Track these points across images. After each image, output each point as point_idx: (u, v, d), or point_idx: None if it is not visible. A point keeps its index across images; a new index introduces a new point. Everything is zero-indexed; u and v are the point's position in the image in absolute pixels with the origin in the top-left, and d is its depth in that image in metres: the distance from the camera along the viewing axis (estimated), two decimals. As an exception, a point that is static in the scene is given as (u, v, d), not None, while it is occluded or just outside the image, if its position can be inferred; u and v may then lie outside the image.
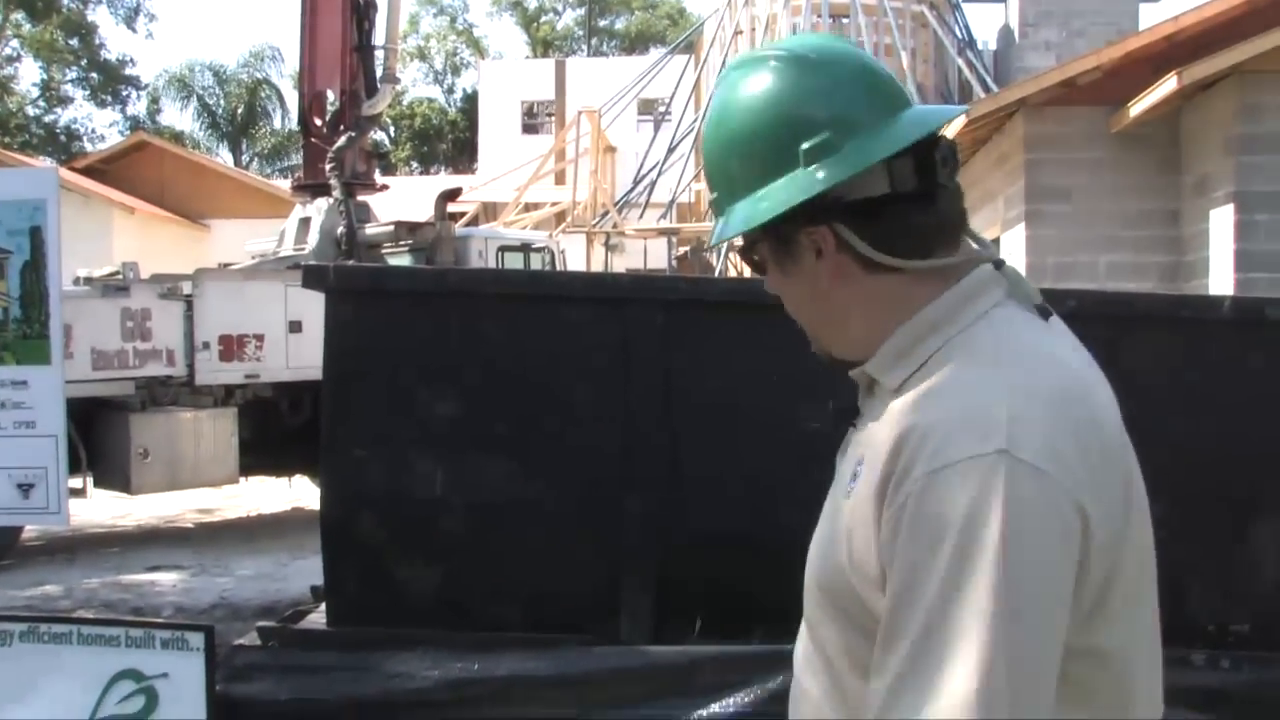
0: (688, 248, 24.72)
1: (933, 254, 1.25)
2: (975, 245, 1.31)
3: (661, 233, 24.07)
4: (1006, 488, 1.06)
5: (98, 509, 10.18)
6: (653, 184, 25.71)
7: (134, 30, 44.33)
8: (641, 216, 25.69)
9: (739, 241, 1.35)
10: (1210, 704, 3.15)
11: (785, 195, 1.23)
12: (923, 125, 1.23)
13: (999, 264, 1.28)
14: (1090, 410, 1.17)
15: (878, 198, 1.23)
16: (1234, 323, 3.79)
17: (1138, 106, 9.96)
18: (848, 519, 1.19)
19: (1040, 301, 1.27)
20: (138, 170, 27.01)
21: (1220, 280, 9.72)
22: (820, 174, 1.21)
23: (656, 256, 24.82)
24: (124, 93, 45.36)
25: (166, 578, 8.42)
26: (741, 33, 25.37)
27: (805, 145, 1.22)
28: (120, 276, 9.35)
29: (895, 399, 1.21)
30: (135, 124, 42.85)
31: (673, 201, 25.48)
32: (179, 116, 46.74)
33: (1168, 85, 9.42)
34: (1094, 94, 10.57)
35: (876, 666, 1.11)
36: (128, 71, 45.11)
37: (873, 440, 1.20)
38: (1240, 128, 9.58)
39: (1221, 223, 9.75)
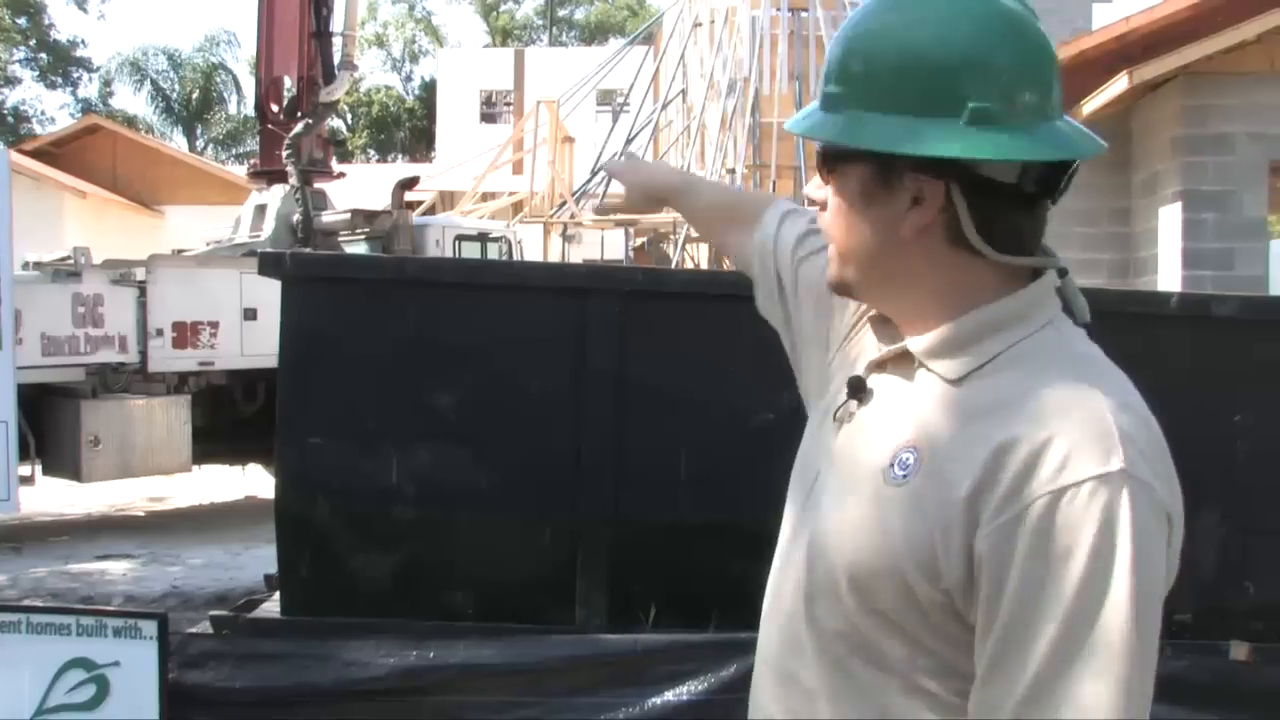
0: (645, 239, 24.74)
1: (1016, 256, 1.23)
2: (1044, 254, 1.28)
3: (619, 223, 24.07)
4: (1131, 506, 1.08)
5: (46, 497, 10.06)
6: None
7: (85, 11, 43.64)
8: (599, 205, 25.64)
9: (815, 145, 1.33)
10: (1156, 693, 3.21)
11: (938, 141, 1.16)
12: (1085, 142, 1.22)
13: (1063, 272, 1.27)
14: (1155, 421, 1.18)
15: (1001, 184, 1.20)
16: (1181, 318, 3.87)
17: (1090, 105, 10.09)
18: (905, 509, 1.16)
19: (1087, 320, 1.26)
20: (89, 154, 26.64)
21: (1169, 277, 9.88)
22: (979, 140, 1.16)
23: (614, 247, 24.81)
24: (75, 75, 44.68)
25: (116, 566, 8.34)
26: (700, 25, 25.38)
27: (975, 105, 1.17)
28: (71, 262, 9.24)
29: (957, 391, 1.19)
30: (87, 107, 42.25)
31: (631, 193, 25.44)
32: (132, 100, 46.16)
33: (1118, 85, 9.55)
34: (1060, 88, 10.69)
35: (991, 677, 1.10)
36: (79, 53, 44.44)
37: (934, 432, 1.18)
38: (1186, 128, 9.73)
39: (1170, 221, 9.91)
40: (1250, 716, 3.46)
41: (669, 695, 3.44)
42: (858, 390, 1.29)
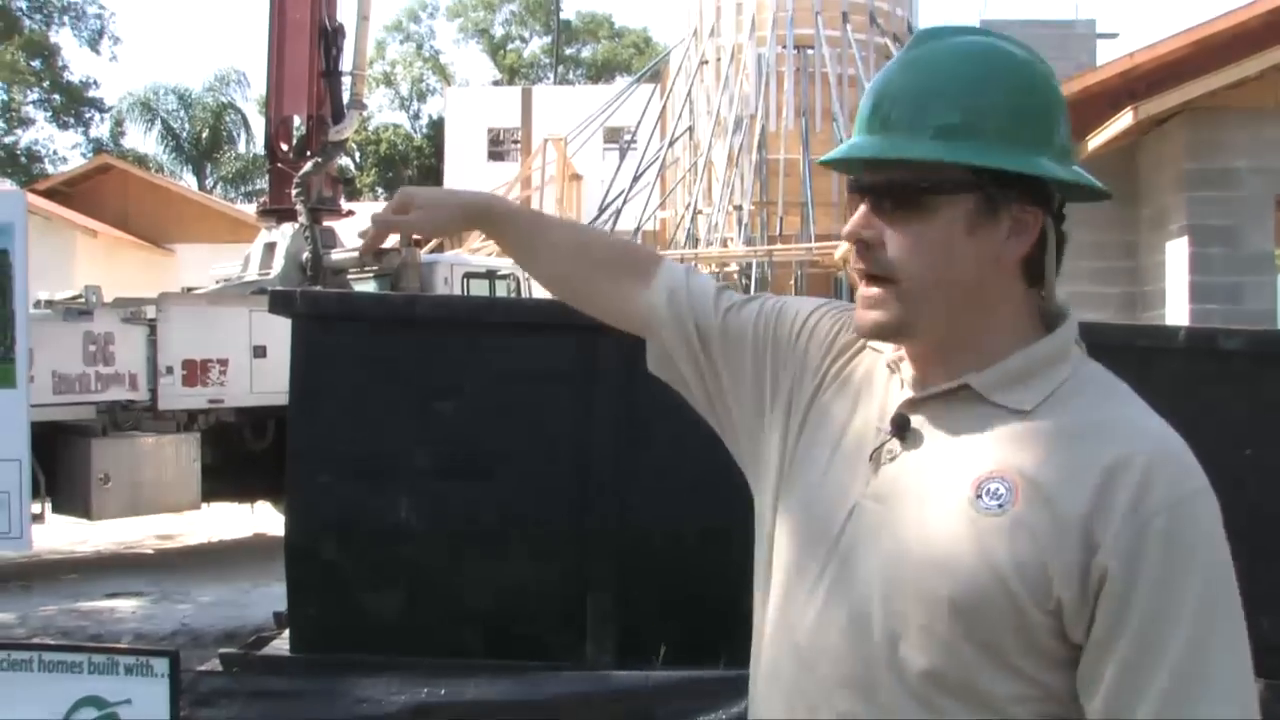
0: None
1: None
2: None
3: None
4: (1218, 515, 1.20)
5: (56, 535, 10.06)
6: (618, 212, 25.80)
7: (98, 52, 44.16)
8: (607, 244, 25.72)
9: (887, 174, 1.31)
10: None
11: (1062, 169, 1.29)
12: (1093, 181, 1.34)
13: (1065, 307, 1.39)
14: None
15: (1060, 216, 1.34)
16: (1188, 351, 3.88)
17: (1095, 140, 10.13)
18: (1010, 536, 1.19)
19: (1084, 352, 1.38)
20: (101, 193, 26.85)
21: (1176, 311, 9.88)
22: (1069, 169, 1.30)
23: (622, 284, 24.85)
24: (87, 115, 45.08)
25: (126, 604, 8.34)
26: (707, 62, 25.56)
27: (1060, 140, 1.30)
28: (83, 300, 9.29)
29: (1034, 421, 1.25)
30: (98, 146, 42.57)
31: (638, 229, 25.57)
32: (143, 139, 46.39)
33: (1124, 120, 9.59)
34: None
35: (1123, 689, 1.17)
36: (91, 94, 44.86)
37: (1025, 461, 1.22)
38: (1192, 163, 9.77)
39: (1177, 255, 9.92)
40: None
41: (680, 732, 3.43)
42: (903, 429, 1.30)
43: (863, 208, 1.30)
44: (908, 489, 1.27)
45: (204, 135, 42.45)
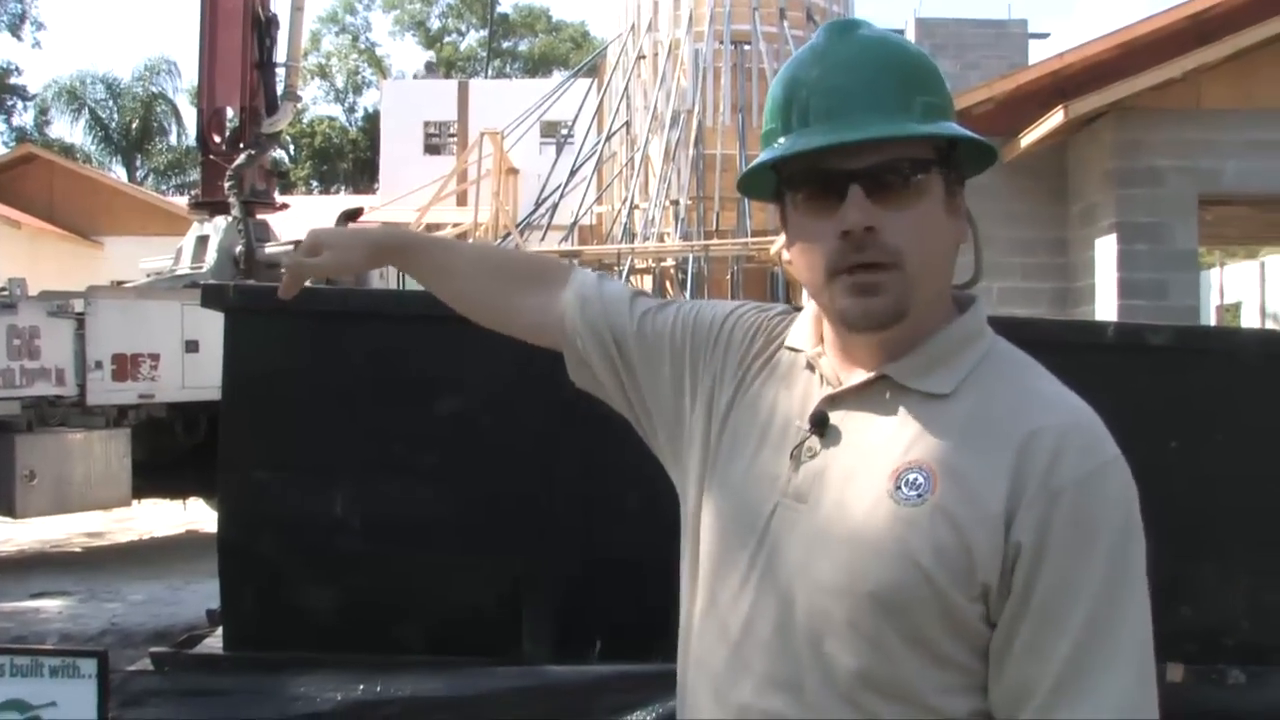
0: (591, 270, 24.78)
1: None
2: None
3: (563, 255, 24.10)
4: (1131, 486, 1.23)
5: (-21, 534, 9.86)
6: (555, 206, 25.74)
7: (19, 38, 43.23)
8: (543, 239, 25.69)
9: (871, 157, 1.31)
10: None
11: (990, 144, 1.34)
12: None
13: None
14: None
15: None
16: (1117, 347, 3.95)
17: (1027, 138, 10.29)
18: (930, 525, 1.20)
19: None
20: (25, 184, 26.27)
21: (1105, 307, 10.07)
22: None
23: (559, 278, 24.78)
24: (9, 102, 44.11)
25: (52, 604, 8.18)
26: (644, 57, 25.57)
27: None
28: (6, 293, 9.10)
29: (951, 404, 1.26)
30: (21, 135, 41.65)
31: (574, 224, 25.54)
32: (69, 129, 45.46)
33: (1054, 119, 9.75)
34: (987, 124, 10.88)
35: (1028, 656, 1.19)
36: (13, 80, 43.86)
37: (940, 446, 1.23)
38: (1119, 161, 9.96)
39: (1105, 251, 10.11)
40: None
41: (617, 726, 3.44)
42: (821, 425, 1.31)
43: (858, 195, 1.24)
44: (827, 486, 1.28)
45: (134, 126, 41.72)
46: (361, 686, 3.44)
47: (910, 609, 1.20)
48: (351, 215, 12.99)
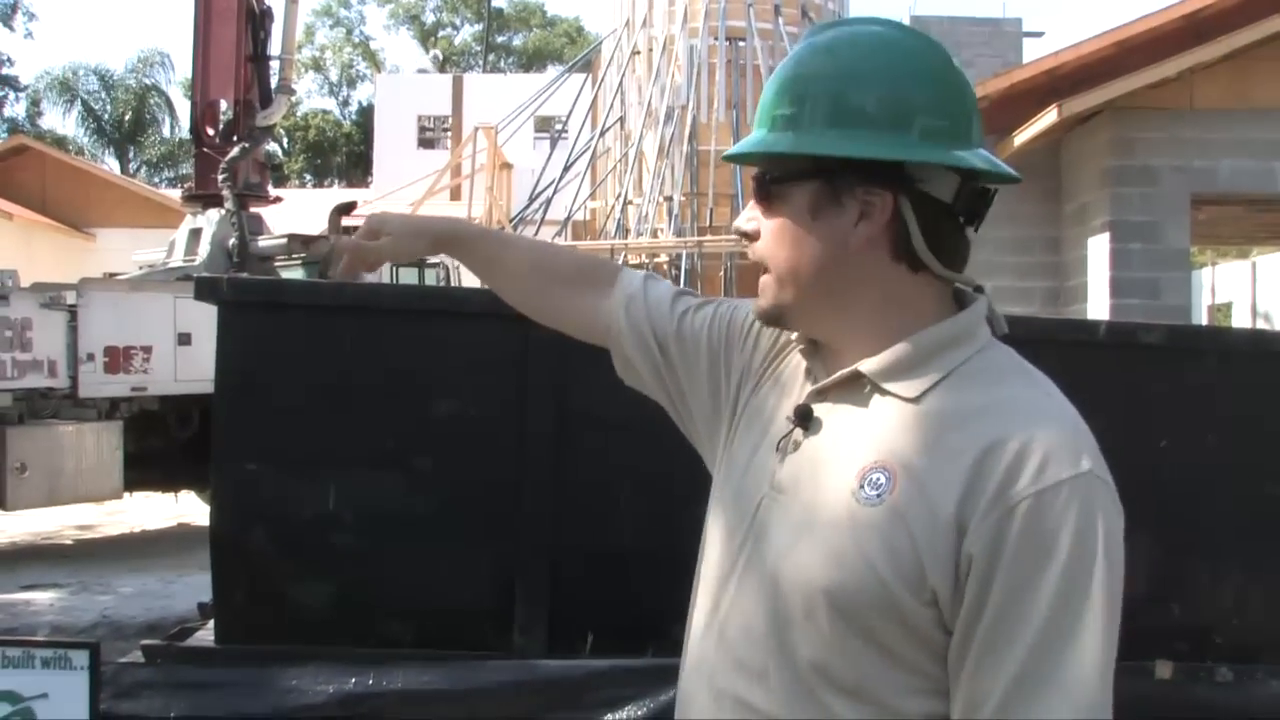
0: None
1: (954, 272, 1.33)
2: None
3: (559, 250, 24.07)
4: (1101, 504, 1.17)
5: (-30, 526, 9.84)
6: (548, 201, 25.73)
7: (11, 29, 42.95)
8: (537, 233, 25.68)
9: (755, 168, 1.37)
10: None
11: (889, 148, 1.25)
12: (1010, 172, 1.35)
13: (980, 289, 1.37)
14: None
15: (939, 202, 1.29)
16: (1109, 345, 3.97)
17: (1021, 136, 10.31)
18: (885, 527, 1.19)
19: (1006, 332, 1.35)
20: (17, 175, 26.19)
21: (1098, 305, 10.09)
22: (931, 149, 1.27)
23: (552, 274, 24.77)
24: (1, 94, 43.94)
25: (43, 596, 8.17)
26: (639, 53, 25.56)
27: (924, 121, 1.27)
28: (-2, 285, 9.08)
29: (918, 408, 1.24)
30: (13, 127, 41.50)
31: (568, 219, 25.53)
32: (61, 121, 45.35)
33: (1048, 117, 9.77)
34: (981, 123, 10.90)
35: (979, 671, 1.16)
36: (5, 71, 43.71)
37: (905, 449, 1.22)
38: (1114, 160, 9.98)
39: (1098, 250, 10.13)
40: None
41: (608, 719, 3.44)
42: (805, 419, 1.32)
43: (751, 200, 1.36)
44: (804, 480, 1.29)
45: (127, 118, 41.59)
46: (353, 680, 3.44)
47: (862, 610, 1.20)
48: (345, 209, 12.99)
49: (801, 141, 1.28)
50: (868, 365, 1.28)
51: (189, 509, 10.62)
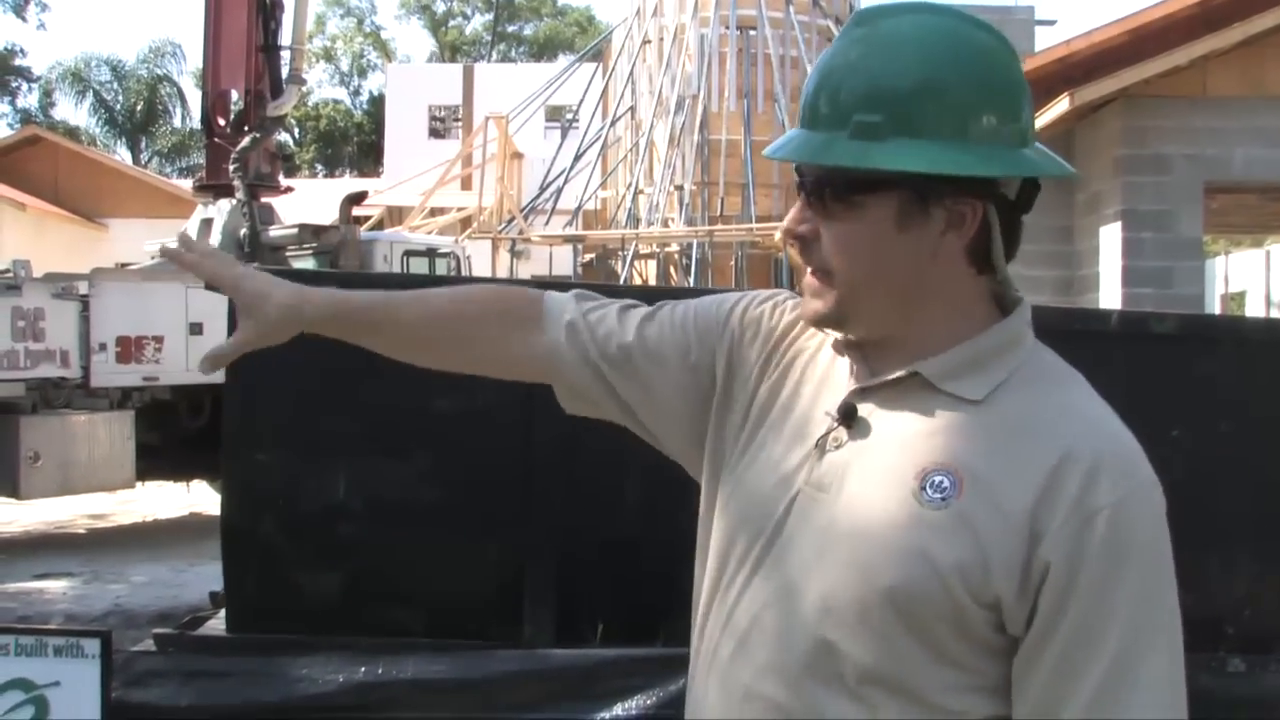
0: (593, 255, 24.76)
1: (995, 274, 1.31)
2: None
3: (567, 239, 24.09)
4: (1162, 511, 1.23)
5: (-16, 515, 9.89)
6: (559, 191, 25.71)
7: (24, 19, 43.08)
8: (548, 223, 25.68)
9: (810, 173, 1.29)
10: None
11: (994, 163, 1.24)
12: (1063, 161, 1.33)
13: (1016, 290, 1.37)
14: None
15: (1011, 203, 1.29)
16: (1121, 335, 3.95)
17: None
18: (950, 530, 1.19)
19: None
20: (30, 165, 26.26)
21: (1110, 294, 10.05)
22: (1020, 159, 1.25)
23: (562, 263, 24.82)
24: (14, 84, 44.05)
25: (56, 585, 8.21)
26: (650, 42, 25.50)
27: (1011, 128, 1.25)
28: (11, 275, 9.10)
29: (984, 411, 1.24)
30: (26, 117, 41.61)
31: (579, 209, 25.51)
32: (74, 111, 45.36)
33: (1060, 106, 9.72)
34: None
35: (1058, 678, 1.18)
36: (17, 62, 43.81)
37: (970, 452, 1.21)
38: (1126, 149, 9.93)
39: (1110, 239, 10.08)
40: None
41: (617, 710, 3.45)
42: (850, 417, 1.29)
43: (800, 202, 1.29)
44: (851, 478, 1.26)
45: (138, 108, 41.67)
46: (363, 669, 3.45)
47: (921, 609, 1.19)
48: (356, 199, 13.01)
49: (901, 155, 1.21)
50: (928, 367, 1.26)
51: (201, 498, 10.66)
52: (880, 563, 1.20)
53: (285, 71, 13.18)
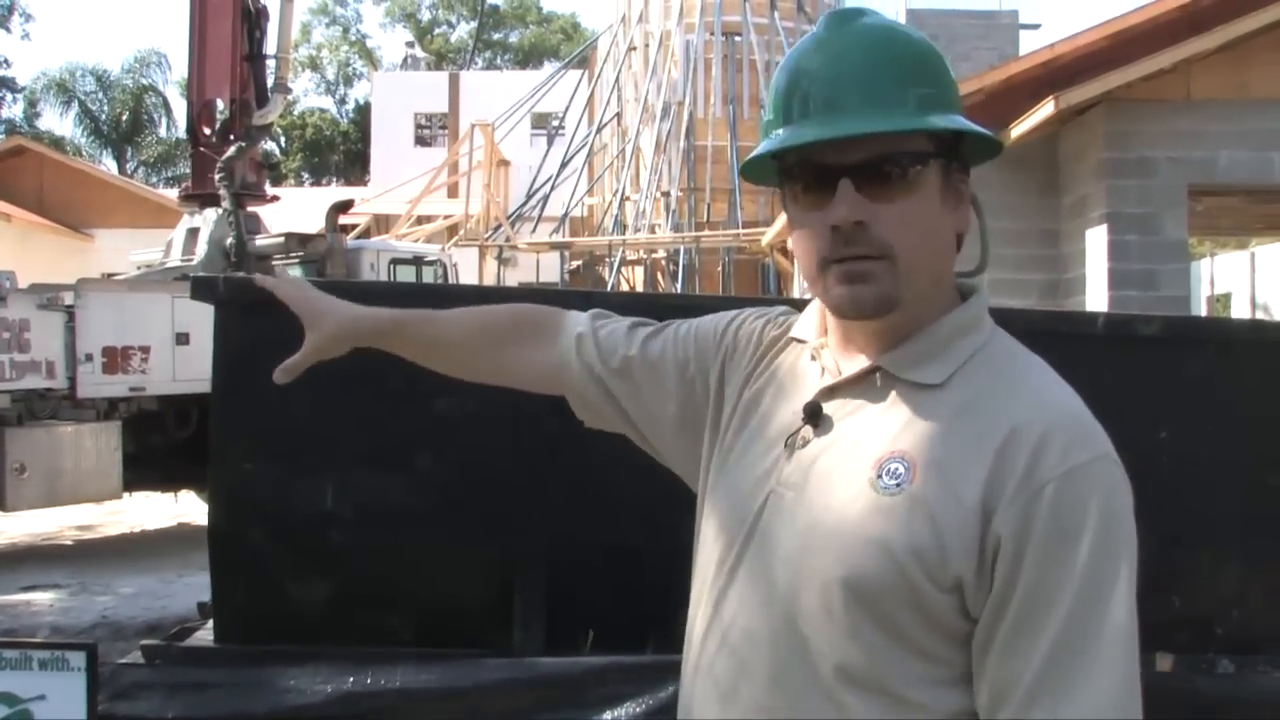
0: (580, 261, 24.76)
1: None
2: None
3: (554, 246, 24.08)
4: (1120, 484, 1.21)
5: (-31, 527, 9.83)
6: (546, 198, 25.71)
7: (8, 30, 42.93)
8: (534, 230, 25.67)
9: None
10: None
11: (988, 132, 1.33)
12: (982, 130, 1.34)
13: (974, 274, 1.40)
14: None
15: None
16: (1107, 338, 3.96)
17: (1018, 129, 10.29)
18: (906, 516, 1.20)
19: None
20: (14, 176, 26.18)
21: (1096, 297, 10.08)
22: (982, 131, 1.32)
23: (549, 270, 24.82)
24: (-2, 95, 43.89)
25: (43, 597, 8.17)
26: (635, 49, 25.53)
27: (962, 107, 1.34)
28: (-4, 286, 9.07)
29: (942, 394, 1.25)
30: (11, 128, 41.46)
31: (565, 215, 25.52)
32: (59, 122, 45.30)
33: (1045, 109, 9.75)
34: (977, 116, 10.74)
35: (1009, 650, 1.17)
36: (2, 73, 43.69)
37: (924, 436, 1.23)
38: (1110, 152, 9.96)
39: (1096, 243, 10.12)
40: (1178, 727, 3.54)
41: (607, 717, 3.44)
42: (815, 416, 1.32)
43: (847, 190, 1.25)
44: (817, 474, 1.28)
45: (124, 118, 41.56)
46: (352, 679, 3.44)
47: (881, 597, 1.20)
48: (342, 207, 12.99)
49: (955, 120, 1.29)
50: (888, 359, 1.29)
51: (188, 509, 10.62)
52: (839, 554, 1.22)
53: (271, 80, 13.17)
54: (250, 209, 12.49)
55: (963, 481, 1.19)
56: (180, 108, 35.44)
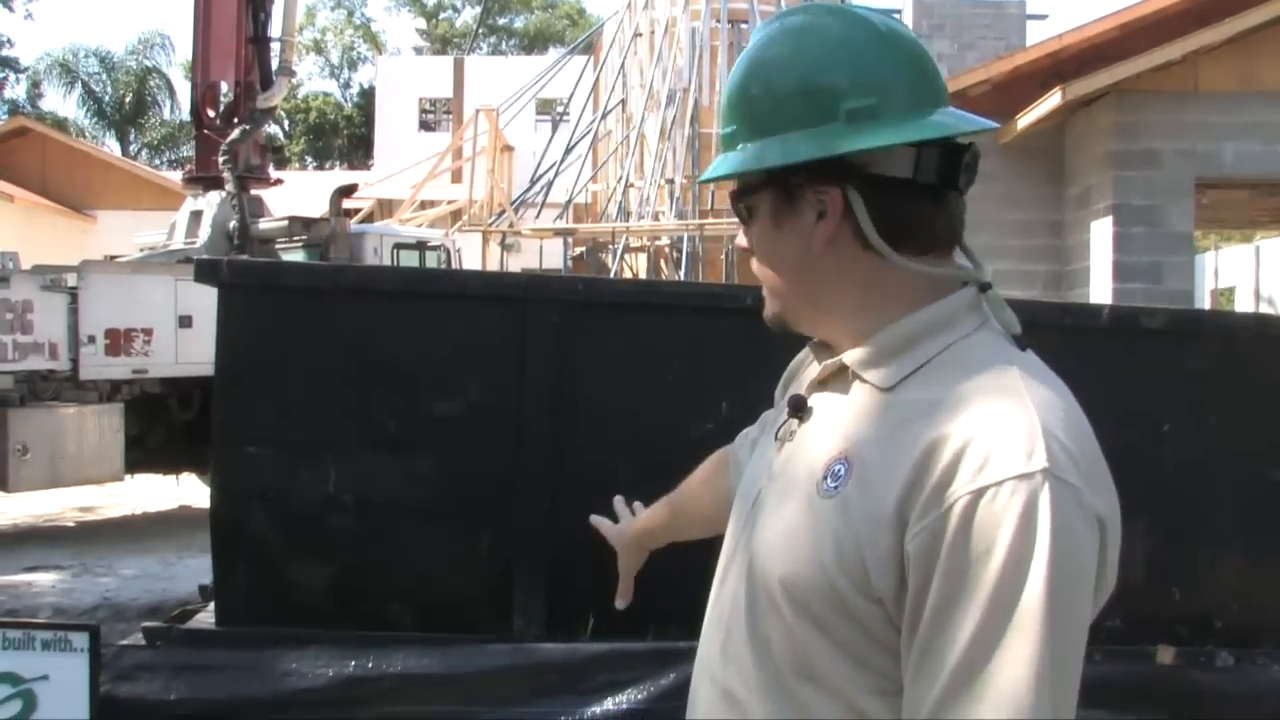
0: (583, 248, 24.73)
1: (928, 256, 1.26)
2: (968, 261, 1.32)
3: (558, 233, 24.06)
4: (1053, 506, 1.08)
5: (-29, 508, 9.84)
6: (549, 184, 25.67)
7: (11, 9, 42.80)
8: (538, 216, 25.64)
9: (732, 185, 1.36)
10: (1086, 696, 3.28)
11: (816, 146, 1.23)
12: (963, 122, 1.25)
13: (986, 286, 1.29)
14: (1089, 427, 1.19)
15: (898, 180, 1.23)
16: (1111, 330, 3.95)
17: (1024, 119, 10.26)
18: (835, 520, 1.16)
19: (1019, 332, 1.27)
20: (17, 157, 26.12)
21: (1100, 289, 10.06)
22: (857, 135, 1.21)
23: (552, 256, 24.79)
24: (1, 75, 43.82)
25: (45, 578, 8.18)
26: (641, 35, 25.46)
27: (849, 105, 1.22)
28: (-1, 267, 9.07)
29: (889, 398, 1.21)
30: (14, 108, 41.39)
31: (569, 202, 25.48)
32: (62, 102, 45.22)
33: (1052, 100, 9.73)
34: (983, 106, 10.87)
35: (917, 675, 1.10)
36: (5, 52, 43.60)
37: (865, 440, 1.19)
38: (1117, 144, 9.94)
39: (1101, 234, 10.10)
40: (1175, 718, 3.54)
41: (608, 704, 3.45)
42: (799, 408, 1.32)
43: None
44: (789, 469, 1.29)
45: (127, 99, 41.47)
46: (353, 663, 3.44)
47: (812, 602, 1.17)
48: (345, 192, 12.97)
49: (741, 159, 1.29)
50: (850, 356, 1.27)
51: (190, 491, 10.63)
52: (782, 554, 1.22)
53: (275, 64, 13.13)
54: (254, 192, 12.47)
55: (882, 491, 1.14)
56: (184, 90, 35.38)
